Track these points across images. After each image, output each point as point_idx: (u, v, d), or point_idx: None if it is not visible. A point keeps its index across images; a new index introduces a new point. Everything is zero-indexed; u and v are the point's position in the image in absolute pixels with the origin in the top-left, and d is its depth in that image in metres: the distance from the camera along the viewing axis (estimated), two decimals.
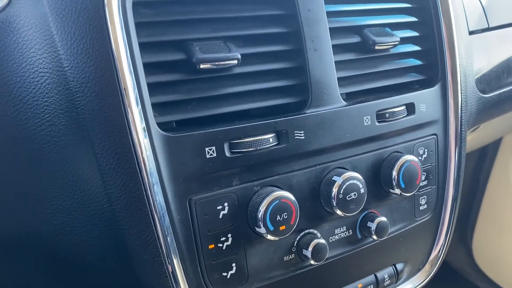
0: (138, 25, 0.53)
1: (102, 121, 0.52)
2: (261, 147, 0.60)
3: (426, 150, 0.77)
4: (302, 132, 0.63)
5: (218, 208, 0.59)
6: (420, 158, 0.75)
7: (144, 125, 0.53)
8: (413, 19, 0.77)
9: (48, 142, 0.53)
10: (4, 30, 0.52)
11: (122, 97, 0.52)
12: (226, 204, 0.59)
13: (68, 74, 0.52)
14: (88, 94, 0.52)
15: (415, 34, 0.77)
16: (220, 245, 0.60)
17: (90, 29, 0.52)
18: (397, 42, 0.72)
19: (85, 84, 0.52)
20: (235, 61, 0.59)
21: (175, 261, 0.57)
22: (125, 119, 0.52)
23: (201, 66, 0.57)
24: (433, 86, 0.77)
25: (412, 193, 0.73)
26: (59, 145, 0.53)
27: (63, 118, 0.53)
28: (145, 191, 0.54)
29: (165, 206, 0.55)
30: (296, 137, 0.63)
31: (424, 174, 0.77)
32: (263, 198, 0.59)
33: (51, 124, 0.53)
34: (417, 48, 0.77)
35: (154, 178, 0.54)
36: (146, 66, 0.54)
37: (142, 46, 0.54)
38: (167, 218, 0.55)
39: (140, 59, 0.53)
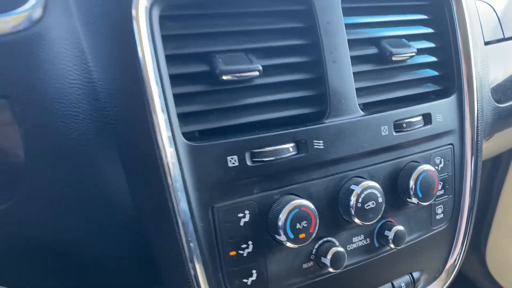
0: (164, 37, 0.55)
1: (129, 131, 0.54)
2: (281, 156, 0.61)
3: (442, 159, 0.77)
4: (321, 141, 0.64)
5: (239, 215, 0.60)
6: (437, 167, 0.76)
7: (169, 134, 0.55)
8: (430, 30, 0.78)
9: (78, 152, 0.55)
10: (37, 42, 0.54)
11: (149, 108, 0.54)
12: (247, 212, 0.61)
13: (98, 85, 0.54)
14: (116, 105, 0.54)
15: (432, 45, 0.78)
16: (241, 252, 0.61)
17: (118, 42, 0.54)
18: (414, 53, 0.73)
19: (113, 95, 0.54)
20: (257, 73, 0.60)
21: (197, 266, 0.58)
22: (151, 128, 0.54)
23: (224, 78, 0.58)
24: (449, 96, 0.78)
25: (429, 202, 0.73)
26: (88, 154, 0.55)
27: (93, 128, 0.55)
28: (170, 198, 0.55)
29: (189, 214, 0.57)
30: (315, 147, 0.64)
31: (440, 184, 0.77)
32: (283, 206, 0.60)
33: (81, 133, 0.55)
34: (433, 59, 0.78)
35: (179, 186, 0.56)
36: (172, 77, 0.56)
37: (168, 58, 0.56)
38: (190, 225, 0.57)
39: (166, 71, 0.55)
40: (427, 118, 0.74)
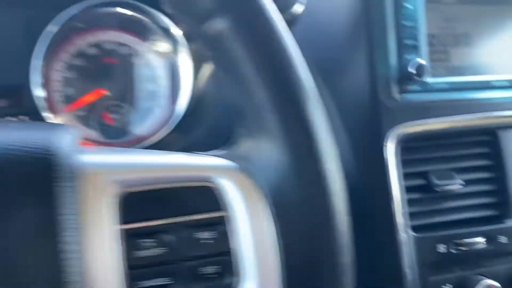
0: (402, 161, 0.84)
1: (380, 220, 0.82)
2: (475, 247, 0.85)
3: None
4: (503, 237, 0.87)
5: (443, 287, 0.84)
6: None
7: (405, 227, 0.82)
8: None
9: None
10: None
11: (393, 209, 0.81)
12: (449, 285, 0.84)
13: (361, 192, 0.84)
14: (371, 204, 0.83)
15: None
16: None
17: (374, 167, 0.83)
18: None
19: (370, 198, 0.83)
20: (459, 186, 0.86)
21: None
22: (394, 222, 0.81)
23: (437, 189, 0.85)
24: None
25: None
26: None
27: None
28: (402, 269, 0.81)
29: (413, 281, 0.82)
30: (499, 241, 0.87)
31: None
32: (478, 285, 0.83)
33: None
34: None
35: (408, 264, 0.82)
36: (406, 187, 0.83)
37: (404, 174, 0.84)
38: None
39: (403, 183, 0.83)
40: None
